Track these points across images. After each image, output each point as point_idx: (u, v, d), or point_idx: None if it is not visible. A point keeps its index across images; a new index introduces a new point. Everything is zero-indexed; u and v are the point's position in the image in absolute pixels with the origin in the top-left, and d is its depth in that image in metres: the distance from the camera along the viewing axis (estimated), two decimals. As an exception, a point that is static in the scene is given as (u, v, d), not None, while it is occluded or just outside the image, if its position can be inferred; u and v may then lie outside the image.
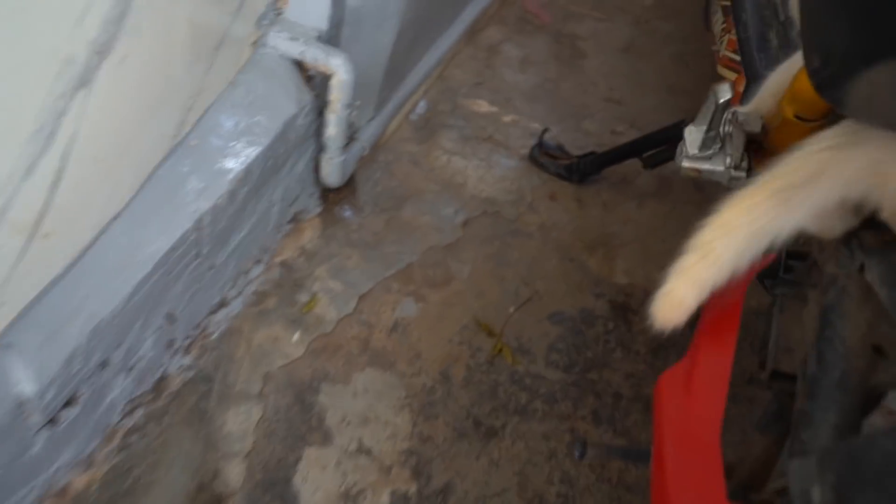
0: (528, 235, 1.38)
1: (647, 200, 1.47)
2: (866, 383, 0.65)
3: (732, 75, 1.02)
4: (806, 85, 0.65)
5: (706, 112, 0.79)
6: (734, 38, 1.04)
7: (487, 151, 1.50)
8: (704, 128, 0.80)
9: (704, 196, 1.48)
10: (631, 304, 1.32)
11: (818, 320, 0.75)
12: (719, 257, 0.67)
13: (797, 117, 0.69)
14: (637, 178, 1.50)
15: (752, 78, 0.96)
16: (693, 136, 0.83)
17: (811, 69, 0.59)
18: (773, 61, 0.99)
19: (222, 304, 1.20)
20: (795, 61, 0.80)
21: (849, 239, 0.71)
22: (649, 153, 1.34)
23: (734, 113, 0.76)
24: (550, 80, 1.68)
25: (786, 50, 0.96)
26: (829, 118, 0.67)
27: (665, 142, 1.32)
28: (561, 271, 1.34)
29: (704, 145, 0.82)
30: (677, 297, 0.70)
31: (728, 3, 1.11)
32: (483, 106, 1.58)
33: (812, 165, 0.62)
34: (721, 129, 0.79)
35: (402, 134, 1.49)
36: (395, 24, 1.29)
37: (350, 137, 1.29)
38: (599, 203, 1.45)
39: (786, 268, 0.85)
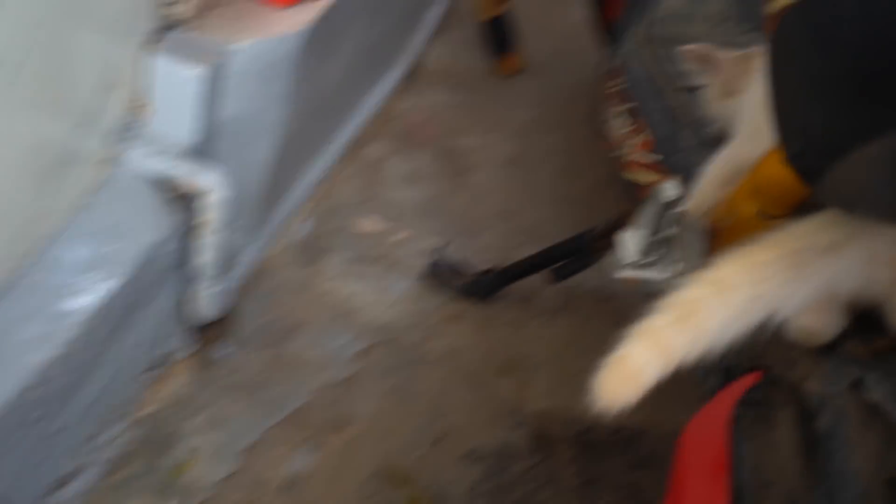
0: (433, 363, 1.24)
1: (555, 316, 1.37)
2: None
3: (648, 177, 0.96)
4: (773, 178, 0.56)
5: (648, 214, 0.70)
6: (646, 139, 0.98)
7: (380, 273, 1.36)
8: (647, 232, 0.71)
9: (613, 308, 1.41)
10: (553, 432, 1.19)
11: (808, 451, 0.64)
12: (702, 322, 0.54)
13: (761, 215, 0.60)
14: (542, 293, 1.41)
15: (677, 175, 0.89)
16: (633, 241, 0.73)
17: (792, 154, 0.51)
18: (694, 158, 0.94)
19: (72, 475, 0.97)
20: (734, 154, 0.73)
21: (829, 351, 0.62)
22: (557, 266, 1.25)
23: (681, 214, 0.67)
24: (440, 194, 1.60)
25: (705, 147, 0.90)
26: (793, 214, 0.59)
27: (572, 253, 1.24)
28: (473, 401, 1.20)
29: (648, 251, 0.72)
30: (634, 365, 0.56)
31: (633, 106, 1.07)
32: (372, 224, 1.46)
33: (839, 231, 0.52)
34: (665, 233, 0.70)
35: (287, 258, 1.33)
36: (274, 137, 1.16)
37: (227, 264, 1.12)
38: (506, 322, 1.34)
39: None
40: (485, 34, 2.07)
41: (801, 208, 0.58)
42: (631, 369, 0.55)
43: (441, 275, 1.36)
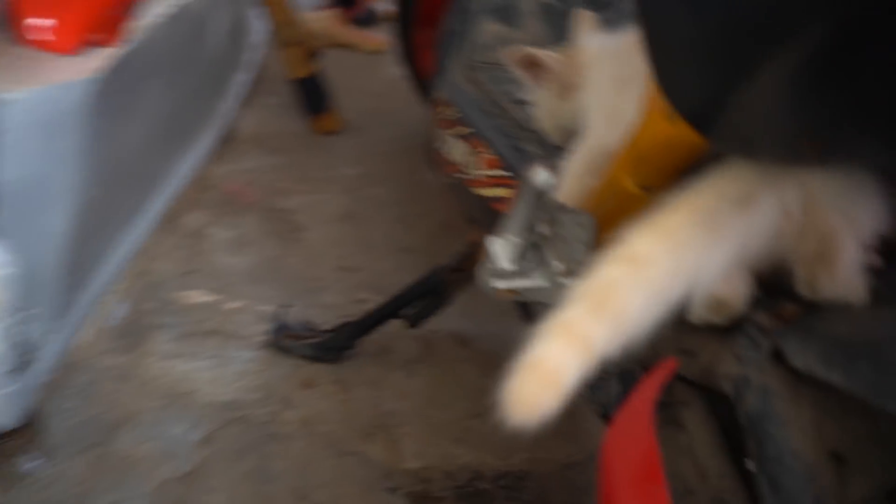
0: (290, 437, 1.10)
1: (415, 367, 1.28)
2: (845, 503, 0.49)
3: (501, 191, 0.91)
4: (657, 138, 0.52)
5: (519, 212, 0.63)
6: (490, 157, 0.94)
7: (216, 347, 1.21)
8: (519, 233, 0.64)
9: (475, 350, 1.34)
10: (433, 490, 1.08)
11: (726, 446, 0.59)
12: (621, 306, 0.47)
13: (643, 188, 0.55)
14: (398, 344, 1.31)
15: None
16: (503, 247, 0.66)
17: (679, 99, 0.46)
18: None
19: None
20: (593, 143, 0.69)
21: (733, 331, 0.57)
22: (411, 311, 1.17)
23: (565, 212, 0.61)
24: (273, 257, 1.47)
25: (552, 153, 0.86)
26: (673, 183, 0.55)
27: (424, 294, 1.16)
28: (341, 471, 1.07)
29: (519, 256, 0.65)
30: (551, 366, 0.47)
31: (469, 130, 1.02)
32: (200, 296, 1.31)
33: (748, 182, 0.47)
34: (540, 231, 0.64)
35: (103, 344, 1.15)
36: (69, 205, 1.01)
37: (24, 358, 0.94)
38: (365, 380, 1.23)
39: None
40: (298, 95, 2.00)
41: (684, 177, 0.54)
42: (548, 372, 0.46)
43: (285, 340, 1.23)
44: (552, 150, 0.91)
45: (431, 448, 1.14)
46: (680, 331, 0.68)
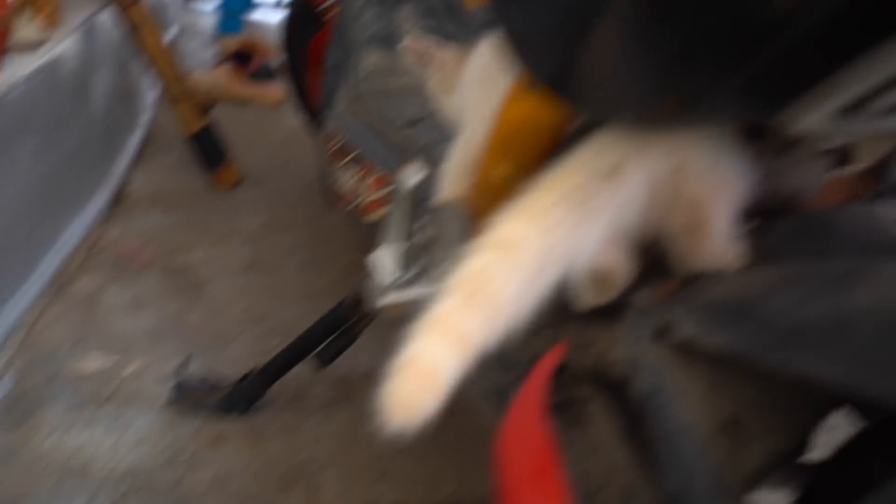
0: (201, 499, 1.03)
1: (332, 410, 1.23)
2: (742, 471, 0.47)
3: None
4: (521, 117, 0.51)
5: (397, 217, 0.61)
6: (378, 176, 0.92)
7: (114, 413, 1.14)
8: (400, 240, 0.62)
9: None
10: (360, 536, 1.03)
11: (633, 435, 0.57)
12: (495, 294, 0.44)
13: (511, 175, 0.54)
14: (311, 388, 1.27)
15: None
16: (387, 257, 0.64)
17: (542, 68, 0.45)
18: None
19: None
20: (469, 140, 0.68)
21: (618, 311, 0.56)
22: (320, 350, 1.12)
23: (440, 209, 0.59)
24: (173, 314, 1.41)
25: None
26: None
27: (330, 331, 1.12)
28: (258, 528, 1.01)
29: (405, 263, 0.63)
30: (427, 364, 0.44)
31: (357, 154, 1.01)
32: (95, 363, 1.23)
33: (616, 152, 0.46)
34: (423, 235, 0.62)
35: (-17, 423, 1.06)
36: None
37: None
38: (278, 430, 1.17)
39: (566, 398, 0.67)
40: (194, 151, 1.95)
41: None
42: (425, 370, 0.44)
43: (190, 396, 1.16)
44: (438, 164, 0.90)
45: (354, 490, 1.09)
46: (574, 326, 0.67)
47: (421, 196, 0.58)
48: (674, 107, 0.40)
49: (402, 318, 0.73)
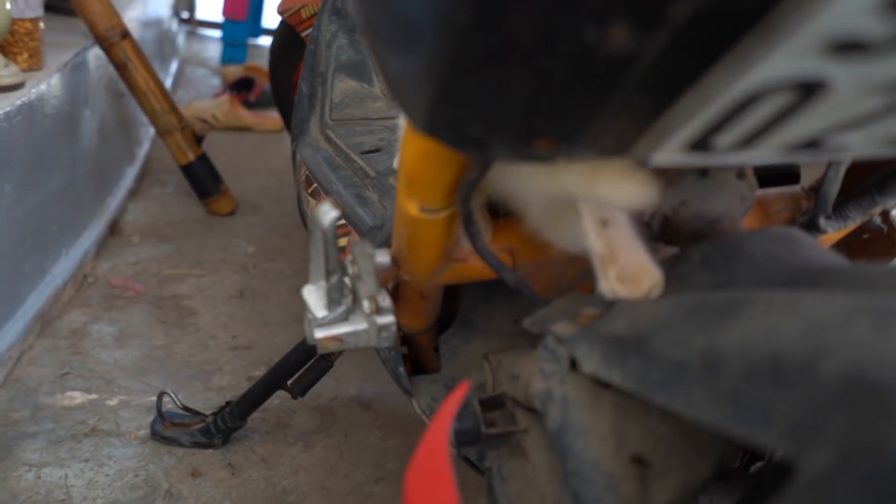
0: (176, 533, 1.03)
1: (313, 439, 1.23)
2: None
3: (342, 241, 0.89)
4: (414, 158, 0.50)
5: (316, 254, 0.61)
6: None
7: (92, 448, 1.14)
8: (323, 278, 0.62)
9: (374, 414, 1.29)
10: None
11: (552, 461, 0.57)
12: None
13: (423, 210, 0.53)
14: (293, 417, 1.26)
15: (365, 231, 0.83)
16: (314, 295, 0.64)
17: (423, 117, 0.45)
18: (379, 211, 0.88)
19: None
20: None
21: (540, 344, 0.55)
22: (293, 379, 1.12)
23: (354, 245, 0.59)
24: (159, 346, 1.41)
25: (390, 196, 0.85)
26: (460, 202, 0.53)
27: (304, 360, 1.12)
28: (233, 562, 1.01)
29: (331, 300, 0.62)
30: None
31: (316, 186, 1.01)
32: (76, 398, 1.24)
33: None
34: (347, 272, 0.62)
35: (-41, 462, 1.07)
36: None
37: None
38: (257, 461, 1.17)
39: (487, 423, 0.67)
40: (188, 180, 1.98)
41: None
42: None
43: (168, 429, 1.16)
44: (390, 194, 0.90)
45: (331, 521, 1.08)
46: (510, 355, 0.66)
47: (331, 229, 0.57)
48: (546, 147, 0.40)
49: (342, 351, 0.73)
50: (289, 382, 1.11)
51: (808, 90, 0.29)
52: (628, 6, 0.29)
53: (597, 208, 0.50)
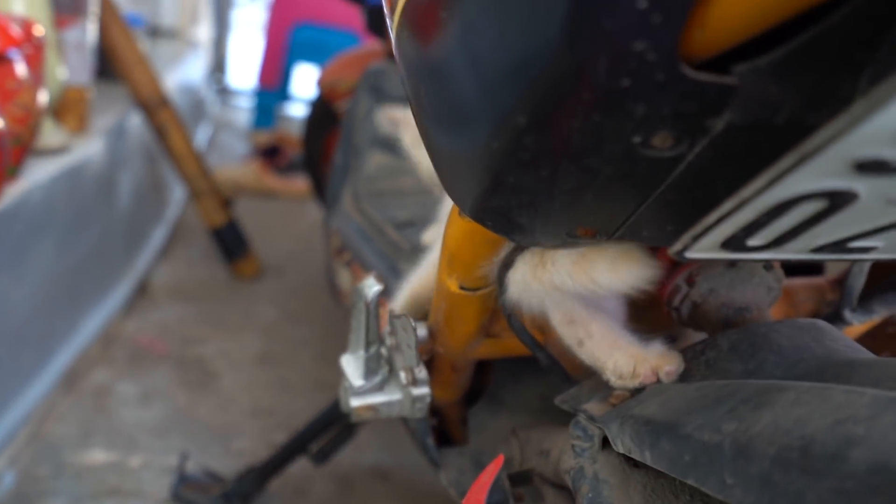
0: None
1: (330, 507, 1.23)
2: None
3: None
4: (457, 237, 0.53)
5: (357, 325, 0.63)
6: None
7: (115, 508, 1.15)
8: (362, 348, 0.64)
9: (393, 484, 1.29)
10: None
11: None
12: None
13: (462, 289, 0.56)
14: (312, 485, 1.27)
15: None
16: (352, 364, 0.66)
17: (471, 203, 0.48)
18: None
19: None
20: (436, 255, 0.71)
21: (572, 422, 0.57)
22: (317, 447, 1.13)
23: (395, 318, 0.61)
24: (182, 408, 1.43)
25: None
26: (497, 282, 0.55)
27: (327, 426, 1.13)
28: None
29: (369, 370, 0.65)
30: None
31: (350, 257, 1.04)
32: (99, 457, 1.25)
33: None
34: (384, 343, 0.64)
35: (-17, 518, 1.08)
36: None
37: None
38: (274, 527, 1.17)
39: (515, 497, 0.67)
40: (216, 243, 2.02)
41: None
42: None
43: (188, 492, 1.17)
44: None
45: None
46: (538, 432, 0.68)
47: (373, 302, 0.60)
48: (585, 235, 0.42)
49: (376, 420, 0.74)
50: (311, 449, 1.12)
51: (837, 199, 0.31)
52: (672, 116, 0.32)
53: (562, 307, 0.52)
